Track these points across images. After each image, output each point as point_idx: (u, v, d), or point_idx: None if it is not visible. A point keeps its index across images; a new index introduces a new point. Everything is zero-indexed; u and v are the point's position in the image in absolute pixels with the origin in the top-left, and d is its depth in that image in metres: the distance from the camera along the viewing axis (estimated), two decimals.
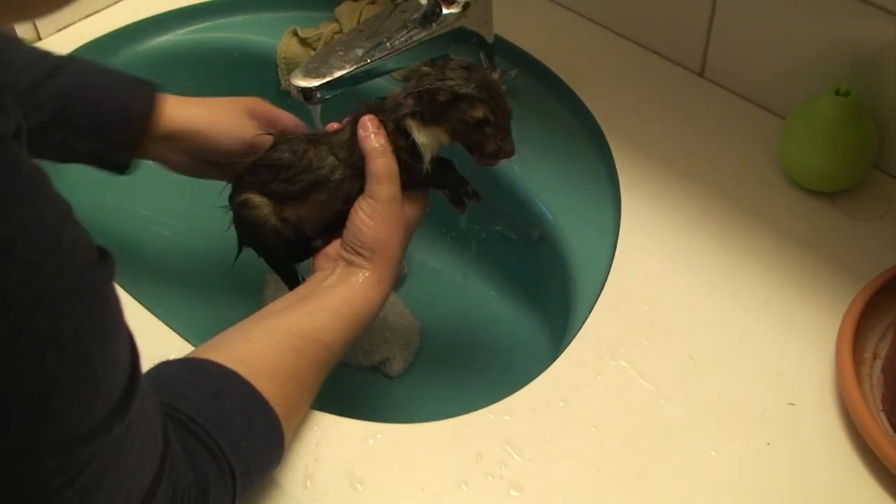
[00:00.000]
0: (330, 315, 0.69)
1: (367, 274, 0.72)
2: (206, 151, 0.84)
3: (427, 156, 0.73)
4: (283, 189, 0.76)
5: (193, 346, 0.75)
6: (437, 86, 0.72)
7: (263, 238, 0.78)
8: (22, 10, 0.45)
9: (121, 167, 0.85)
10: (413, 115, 0.73)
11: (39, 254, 0.41)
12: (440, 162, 0.75)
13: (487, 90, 0.72)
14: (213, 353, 0.64)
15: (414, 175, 0.74)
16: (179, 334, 0.78)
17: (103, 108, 0.81)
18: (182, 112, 0.83)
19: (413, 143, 0.73)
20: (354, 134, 0.74)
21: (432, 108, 0.72)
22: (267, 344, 0.66)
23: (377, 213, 0.72)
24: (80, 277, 0.43)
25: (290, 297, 0.72)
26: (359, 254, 0.72)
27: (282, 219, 0.76)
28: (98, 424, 0.45)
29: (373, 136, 0.73)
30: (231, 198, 0.80)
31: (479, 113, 0.72)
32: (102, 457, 0.46)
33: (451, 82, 0.72)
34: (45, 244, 0.42)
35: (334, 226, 0.75)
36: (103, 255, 0.46)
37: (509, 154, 0.74)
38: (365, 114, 0.74)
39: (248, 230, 0.79)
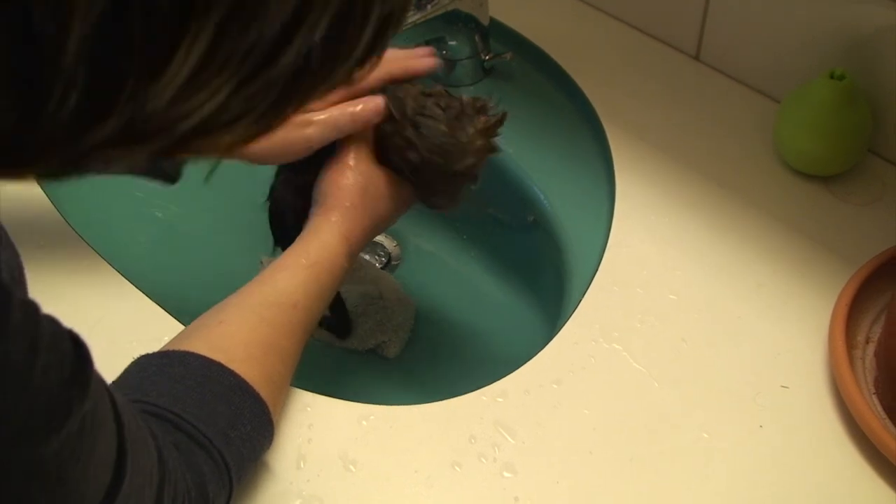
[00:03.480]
0: (288, 273, 0.68)
1: (318, 218, 0.72)
2: None
3: None
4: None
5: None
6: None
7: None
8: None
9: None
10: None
11: (8, 402, 0.39)
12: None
13: None
14: (190, 343, 0.63)
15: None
16: (173, 316, 0.78)
17: None
18: None
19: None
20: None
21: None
22: (238, 322, 0.65)
23: (332, 161, 0.73)
24: (56, 408, 0.41)
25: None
26: (315, 201, 0.73)
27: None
28: None
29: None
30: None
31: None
32: None
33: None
34: (14, 391, 0.39)
35: None
36: (76, 345, 0.43)
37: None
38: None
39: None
